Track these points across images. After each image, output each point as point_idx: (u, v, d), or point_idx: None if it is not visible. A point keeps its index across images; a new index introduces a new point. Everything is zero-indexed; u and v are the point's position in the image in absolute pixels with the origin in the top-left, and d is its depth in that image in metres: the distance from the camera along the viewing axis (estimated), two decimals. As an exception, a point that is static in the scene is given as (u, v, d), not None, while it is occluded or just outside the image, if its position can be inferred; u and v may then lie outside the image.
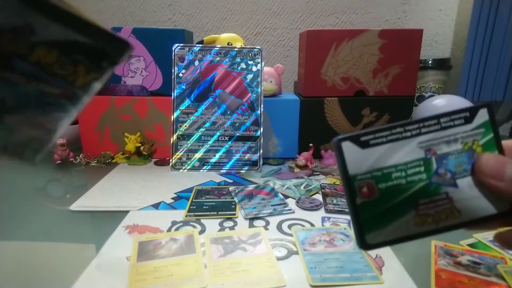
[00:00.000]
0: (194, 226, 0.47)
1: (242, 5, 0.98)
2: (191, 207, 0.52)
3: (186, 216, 0.50)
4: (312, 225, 0.48)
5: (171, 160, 0.70)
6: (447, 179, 0.19)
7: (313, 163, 0.73)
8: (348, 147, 0.18)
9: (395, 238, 0.19)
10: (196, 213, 0.51)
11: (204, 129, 0.71)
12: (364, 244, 0.19)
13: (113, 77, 0.75)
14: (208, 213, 0.51)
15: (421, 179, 0.19)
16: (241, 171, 0.69)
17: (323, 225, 0.48)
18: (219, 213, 0.51)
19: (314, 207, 0.53)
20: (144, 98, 0.75)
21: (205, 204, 0.54)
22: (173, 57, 0.70)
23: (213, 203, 0.54)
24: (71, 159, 0.73)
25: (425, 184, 0.19)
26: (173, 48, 0.70)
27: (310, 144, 0.74)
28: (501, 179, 0.18)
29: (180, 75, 0.71)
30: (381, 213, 0.19)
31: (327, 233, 0.45)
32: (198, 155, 0.70)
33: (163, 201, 0.55)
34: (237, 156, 0.70)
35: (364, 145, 0.19)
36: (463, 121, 0.19)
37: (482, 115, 0.20)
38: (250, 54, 0.71)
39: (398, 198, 0.19)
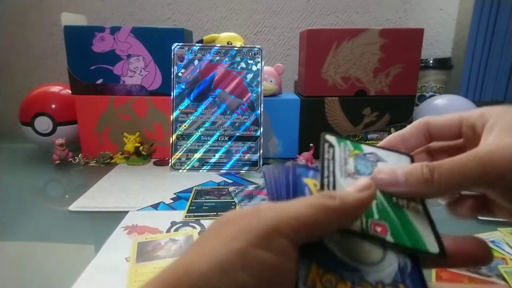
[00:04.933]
0: (193, 227, 0.47)
1: (242, 4, 0.98)
2: (190, 208, 0.52)
3: (185, 216, 0.50)
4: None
5: (170, 160, 0.69)
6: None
7: (313, 163, 0.73)
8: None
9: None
10: (195, 214, 0.50)
11: (203, 129, 0.70)
12: (442, 253, 0.19)
13: (112, 76, 0.75)
14: (208, 213, 0.51)
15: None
16: (241, 171, 0.69)
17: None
18: (218, 213, 0.50)
19: (314, 208, 0.53)
20: (143, 98, 0.75)
21: (205, 204, 0.53)
22: (172, 57, 0.70)
23: (213, 204, 0.54)
24: (70, 159, 0.73)
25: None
26: (172, 48, 0.70)
27: (311, 144, 0.74)
28: (396, 185, 0.20)
29: (180, 74, 0.70)
30: (405, 227, 0.19)
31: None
32: (197, 155, 0.70)
33: (162, 202, 0.55)
34: (237, 156, 0.70)
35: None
36: (330, 147, 0.22)
37: (329, 139, 0.22)
38: (250, 53, 0.70)
39: (390, 213, 0.20)
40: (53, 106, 0.76)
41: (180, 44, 0.70)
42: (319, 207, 0.16)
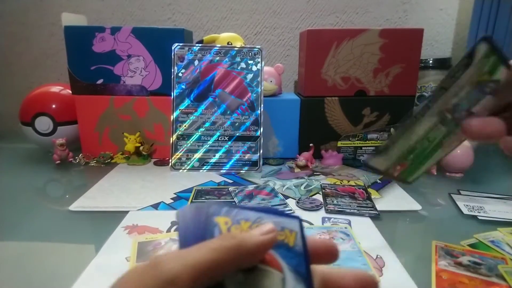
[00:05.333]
0: (193, 227, 0.47)
1: (242, 4, 0.98)
2: (190, 207, 0.52)
3: (185, 216, 0.50)
4: (312, 225, 0.48)
5: (170, 160, 0.69)
6: (464, 116, 0.24)
7: (313, 163, 0.73)
8: (375, 161, 0.26)
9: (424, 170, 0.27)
10: (195, 213, 0.50)
11: (204, 129, 0.70)
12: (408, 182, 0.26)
13: (113, 76, 0.75)
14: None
15: (441, 132, 0.24)
16: (241, 171, 0.69)
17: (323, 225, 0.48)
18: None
19: (315, 208, 0.53)
20: (143, 98, 0.75)
21: (205, 204, 0.53)
22: (172, 57, 0.70)
23: (213, 203, 0.54)
24: (70, 159, 0.73)
25: (445, 134, 0.24)
26: (172, 48, 0.70)
27: (311, 144, 0.74)
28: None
29: (180, 74, 0.70)
30: (414, 167, 0.25)
31: (328, 231, 0.45)
32: (198, 155, 0.70)
33: (162, 202, 0.55)
34: (237, 156, 0.70)
35: (382, 152, 0.25)
36: (465, 65, 0.22)
37: (481, 49, 0.22)
38: (250, 53, 0.70)
39: (426, 154, 0.26)
40: (54, 106, 0.76)
41: (180, 44, 0.70)
42: (220, 249, 0.16)
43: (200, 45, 0.71)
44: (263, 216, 0.20)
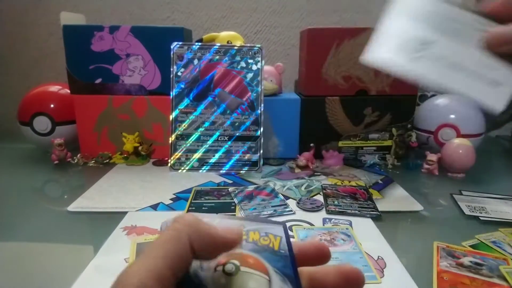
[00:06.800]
0: (193, 227, 0.47)
1: (242, 3, 0.98)
2: (190, 208, 0.52)
3: (185, 217, 0.49)
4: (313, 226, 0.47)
5: (169, 160, 0.69)
6: None
7: (314, 163, 0.73)
8: None
9: None
10: (195, 214, 0.50)
11: (203, 129, 0.70)
12: None
13: (111, 76, 0.74)
14: (208, 214, 0.50)
15: None
16: (241, 171, 0.69)
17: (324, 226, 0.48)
18: (218, 214, 0.50)
19: (315, 208, 0.52)
20: (142, 98, 0.75)
21: (205, 205, 0.53)
22: (171, 56, 0.70)
23: (213, 204, 0.53)
24: (68, 159, 0.73)
25: None
26: (171, 47, 0.70)
27: (311, 144, 0.73)
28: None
29: (179, 74, 0.70)
30: None
31: (328, 232, 0.45)
32: (197, 155, 0.69)
33: (161, 202, 0.55)
34: (236, 156, 0.70)
35: None
36: None
37: None
38: (250, 52, 0.70)
39: None
40: (52, 105, 0.76)
41: (180, 43, 0.70)
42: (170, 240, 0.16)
43: (199, 44, 0.71)
44: (245, 223, 0.19)
